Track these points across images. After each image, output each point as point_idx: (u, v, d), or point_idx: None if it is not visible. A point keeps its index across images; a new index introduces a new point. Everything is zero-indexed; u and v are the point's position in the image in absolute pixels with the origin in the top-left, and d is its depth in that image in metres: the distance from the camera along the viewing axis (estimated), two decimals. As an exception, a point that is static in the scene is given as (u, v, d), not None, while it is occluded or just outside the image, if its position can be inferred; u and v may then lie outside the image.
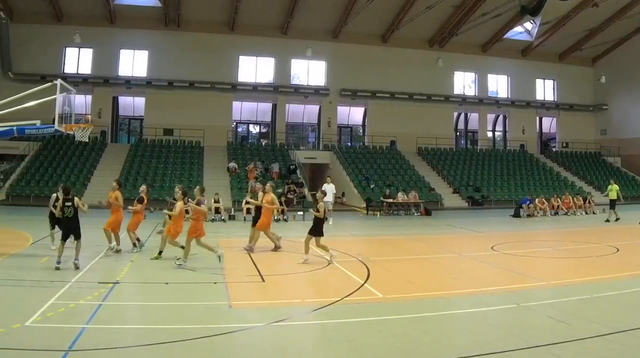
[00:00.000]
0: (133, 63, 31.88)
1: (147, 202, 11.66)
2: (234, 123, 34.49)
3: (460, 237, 16.32)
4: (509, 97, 37.58)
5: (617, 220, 19.81)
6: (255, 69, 33.46)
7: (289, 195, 23.41)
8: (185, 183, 23.64)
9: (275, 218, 19.11)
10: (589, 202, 25.06)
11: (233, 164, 27.58)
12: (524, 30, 35.79)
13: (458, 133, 38.60)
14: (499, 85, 37.86)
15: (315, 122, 35.26)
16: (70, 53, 31.04)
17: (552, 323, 6.32)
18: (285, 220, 19.61)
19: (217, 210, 19.43)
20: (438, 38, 34.23)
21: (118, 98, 32.66)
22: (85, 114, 15.27)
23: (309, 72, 34.35)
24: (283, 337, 5.93)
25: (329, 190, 19.72)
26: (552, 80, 38.67)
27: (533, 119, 38.61)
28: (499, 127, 39.40)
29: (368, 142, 34.61)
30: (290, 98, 33.87)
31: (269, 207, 11.72)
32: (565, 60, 37.82)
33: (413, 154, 33.45)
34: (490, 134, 39.21)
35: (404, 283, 8.93)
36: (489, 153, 35.83)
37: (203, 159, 28.99)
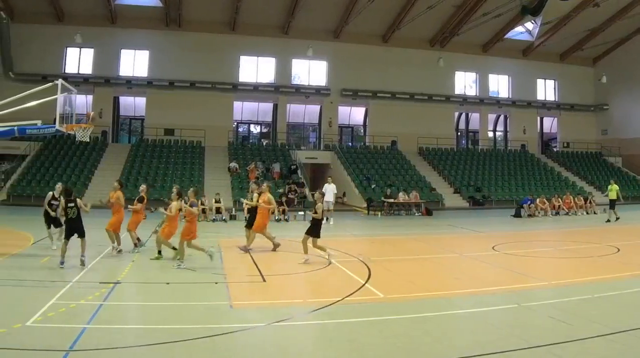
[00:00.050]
0: (134, 63, 31.90)
1: (146, 201, 11.67)
2: (235, 123, 34.48)
3: (461, 237, 16.30)
4: (510, 97, 37.56)
5: (617, 220, 19.83)
6: (256, 69, 33.46)
7: (290, 195, 23.42)
8: (186, 183, 23.68)
9: (277, 218, 19.17)
10: (590, 202, 25.03)
11: (234, 164, 27.58)
12: (525, 30, 35.77)
13: (459, 133, 38.59)
14: (500, 85, 37.82)
15: (316, 122, 35.25)
16: (71, 53, 31.05)
17: (553, 323, 6.32)
18: (287, 220, 19.64)
19: (218, 210, 19.46)
20: (439, 38, 34.22)
21: (119, 98, 32.67)
22: (89, 112, 15.22)
23: (310, 72, 34.33)
24: (284, 337, 5.93)
25: (330, 190, 19.75)
26: (553, 80, 38.65)
27: (534, 119, 38.60)
28: (500, 127, 39.38)
29: (369, 142, 34.58)
30: (291, 98, 33.88)
31: (266, 206, 11.70)
32: (566, 60, 37.79)
33: (414, 154, 33.42)
34: (491, 134, 39.19)
35: (405, 283, 8.93)
36: (490, 153, 35.80)
37: (204, 159, 29.00)
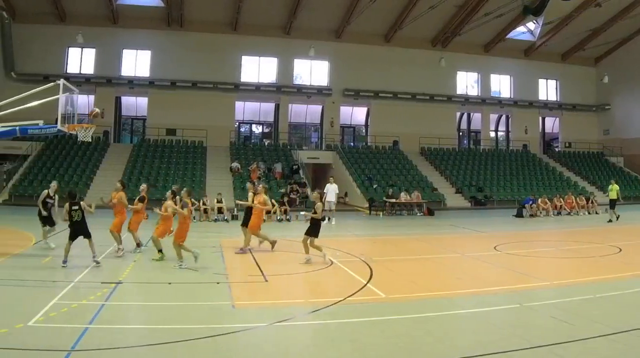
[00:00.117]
0: (136, 63, 31.95)
1: (147, 201, 11.66)
2: (237, 123, 34.48)
3: (463, 237, 16.28)
4: (512, 97, 37.51)
5: (617, 218, 19.82)
6: (258, 69, 33.47)
7: (292, 195, 23.42)
8: (188, 183, 23.70)
9: (278, 218, 19.20)
10: (592, 202, 24.99)
11: (236, 164, 27.57)
12: (527, 30, 35.74)
13: (461, 133, 38.57)
14: (502, 85, 37.79)
15: (318, 122, 35.26)
16: (73, 53, 31.10)
17: (555, 323, 6.31)
18: (288, 220, 19.64)
19: (220, 210, 19.47)
20: (441, 38, 34.20)
21: (121, 98, 32.68)
22: (92, 110, 15.24)
23: (312, 72, 34.32)
24: (286, 337, 5.94)
25: (332, 190, 19.75)
26: (554, 80, 38.59)
27: (536, 119, 38.54)
28: (502, 127, 39.32)
29: (371, 142, 34.56)
30: (293, 98, 33.88)
31: (261, 207, 11.74)
32: (568, 60, 37.73)
33: (416, 154, 33.39)
34: (493, 134, 39.11)
35: (407, 283, 8.92)
36: (492, 153, 35.76)
37: (206, 159, 29.02)
